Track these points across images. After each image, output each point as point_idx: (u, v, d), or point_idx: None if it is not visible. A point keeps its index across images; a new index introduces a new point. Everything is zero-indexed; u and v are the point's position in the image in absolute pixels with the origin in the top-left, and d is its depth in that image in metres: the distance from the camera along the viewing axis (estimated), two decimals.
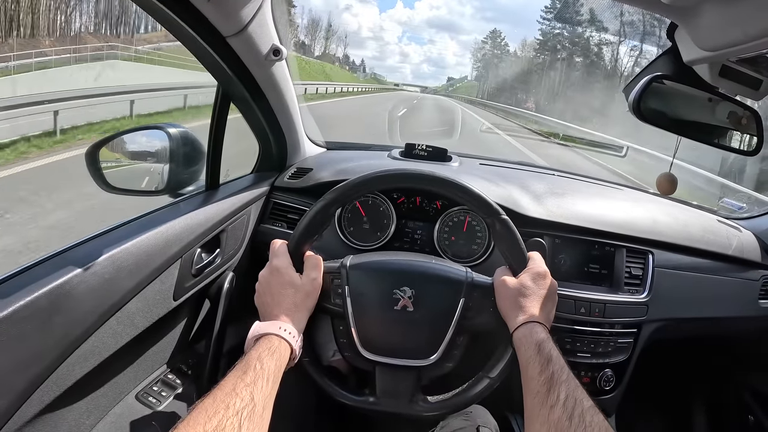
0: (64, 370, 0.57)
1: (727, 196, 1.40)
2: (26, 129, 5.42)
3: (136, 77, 10.49)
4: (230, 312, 0.86)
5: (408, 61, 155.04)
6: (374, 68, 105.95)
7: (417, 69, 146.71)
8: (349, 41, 66.80)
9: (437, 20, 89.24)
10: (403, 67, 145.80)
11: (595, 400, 0.91)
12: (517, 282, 0.63)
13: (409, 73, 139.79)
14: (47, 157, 4.96)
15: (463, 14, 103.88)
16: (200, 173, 0.89)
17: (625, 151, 2.24)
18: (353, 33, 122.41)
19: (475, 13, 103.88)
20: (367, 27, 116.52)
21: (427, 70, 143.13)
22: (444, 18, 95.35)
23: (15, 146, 5.15)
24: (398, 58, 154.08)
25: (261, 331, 0.57)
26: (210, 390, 0.46)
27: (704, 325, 1.03)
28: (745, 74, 0.68)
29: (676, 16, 0.64)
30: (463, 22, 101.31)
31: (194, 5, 0.61)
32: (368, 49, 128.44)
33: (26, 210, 3.38)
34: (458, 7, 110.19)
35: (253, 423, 0.44)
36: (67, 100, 6.33)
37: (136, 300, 0.66)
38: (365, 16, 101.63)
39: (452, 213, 0.94)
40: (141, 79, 9.89)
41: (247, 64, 0.76)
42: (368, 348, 0.64)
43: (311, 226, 0.65)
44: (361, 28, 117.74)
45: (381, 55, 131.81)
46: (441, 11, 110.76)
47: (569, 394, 0.49)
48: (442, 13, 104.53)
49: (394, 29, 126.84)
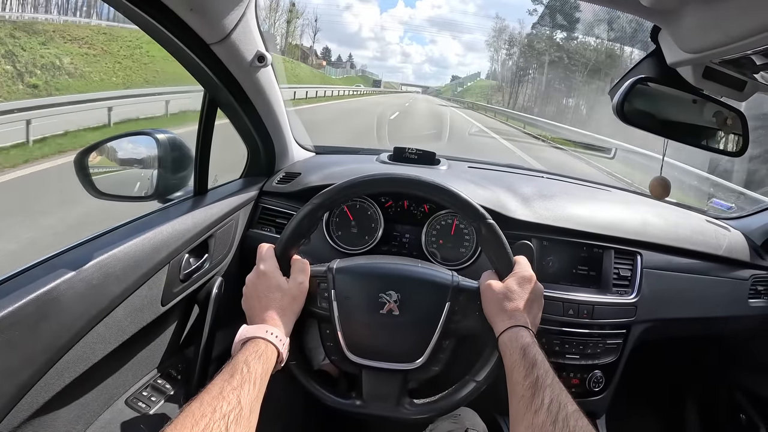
0: (53, 376, 0.58)
1: (716, 195, 1.40)
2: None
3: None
4: (219, 317, 0.86)
5: (410, 61, 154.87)
6: (367, 66, 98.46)
7: (419, 69, 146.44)
8: (321, 27, 46.30)
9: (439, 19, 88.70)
10: (404, 67, 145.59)
11: (585, 402, 0.92)
12: (503, 286, 0.63)
13: (411, 73, 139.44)
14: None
15: (465, 12, 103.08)
16: (189, 178, 0.89)
17: (614, 152, 2.24)
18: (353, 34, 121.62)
19: (478, 11, 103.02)
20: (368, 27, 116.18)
21: (428, 70, 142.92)
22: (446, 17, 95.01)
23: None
24: (400, 58, 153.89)
25: (248, 334, 0.57)
26: (197, 394, 0.47)
27: (694, 325, 1.03)
28: (729, 76, 0.68)
29: (658, 19, 0.64)
30: (465, 21, 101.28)
31: (176, 14, 0.62)
32: (369, 50, 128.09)
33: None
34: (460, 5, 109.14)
35: (240, 426, 0.45)
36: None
37: (123, 306, 0.66)
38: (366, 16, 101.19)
39: (440, 216, 0.95)
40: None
41: (232, 71, 0.77)
42: (354, 351, 0.64)
43: (298, 230, 0.66)
44: (362, 28, 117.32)
45: (382, 56, 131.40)
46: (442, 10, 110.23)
47: (553, 398, 0.49)
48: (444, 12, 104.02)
49: (396, 29, 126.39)
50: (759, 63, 0.58)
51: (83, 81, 10.01)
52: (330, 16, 61.71)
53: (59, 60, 10.07)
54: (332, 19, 67.16)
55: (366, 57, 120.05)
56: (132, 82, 10.75)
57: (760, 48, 0.51)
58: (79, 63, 10.55)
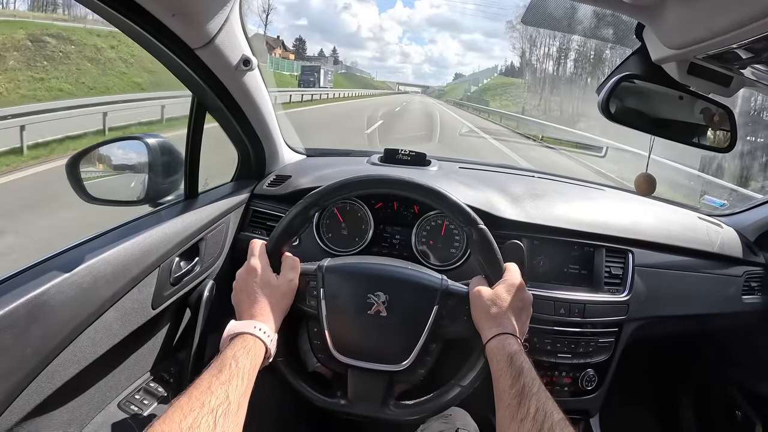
0: (44, 380, 0.58)
1: (708, 192, 1.40)
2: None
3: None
4: (211, 320, 0.86)
5: (409, 61, 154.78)
6: (358, 62, 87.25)
7: (418, 69, 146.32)
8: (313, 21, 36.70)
9: (438, 18, 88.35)
10: (404, 67, 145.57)
11: (578, 400, 0.92)
12: (492, 293, 0.63)
13: (411, 73, 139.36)
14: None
15: (464, 12, 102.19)
16: (180, 182, 0.90)
17: (605, 151, 2.23)
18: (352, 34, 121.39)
19: (477, 11, 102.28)
20: (366, 27, 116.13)
21: (428, 70, 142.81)
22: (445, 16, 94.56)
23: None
24: (399, 58, 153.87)
25: (236, 330, 0.57)
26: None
27: (688, 323, 1.03)
28: (714, 71, 0.68)
29: (640, 15, 0.64)
30: (464, 21, 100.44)
31: (159, 19, 0.62)
32: (368, 50, 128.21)
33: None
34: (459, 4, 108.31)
35: (228, 421, 0.45)
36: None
37: (114, 309, 0.67)
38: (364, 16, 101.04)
39: (430, 217, 0.95)
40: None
41: (218, 75, 0.77)
42: (341, 351, 0.64)
43: (290, 229, 0.66)
44: (361, 28, 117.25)
45: (382, 56, 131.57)
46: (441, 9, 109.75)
47: (539, 407, 0.49)
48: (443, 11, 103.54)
49: (395, 29, 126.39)
50: (744, 57, 0.58)
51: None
52: (329, 17, 58.63)
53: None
54: (330, 20, 64.95)
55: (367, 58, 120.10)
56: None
57: (744, 42, 0.51)
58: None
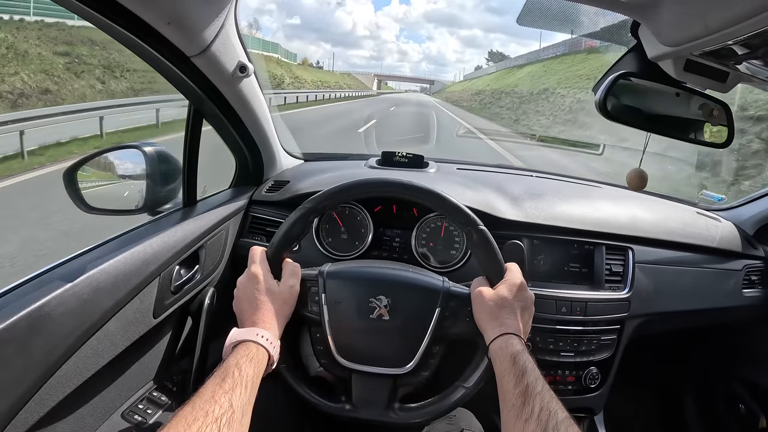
0: (47, 392, 0.58)
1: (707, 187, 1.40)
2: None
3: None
4: (213, 327, 0.86)
5: (407, 59, 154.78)
6: (350, 58, 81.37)
7: (416, 67, 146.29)
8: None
9: (435, 14, 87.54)
10: (402, 65, 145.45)
11: (582, 398, 0.92)
12: (494, 293, 0.63)
13: (409, 71, 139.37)
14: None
15: (463, 6, 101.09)
16: (178, 190, 0.89)
17: (602, 149, 2.23)
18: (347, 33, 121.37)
19: (477, 4, 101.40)
20: (362, 25, 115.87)
21: (426, 68, 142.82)
22: (443, 11, 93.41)
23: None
24: (397, 56, 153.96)
25: (239, 337, 0.57)
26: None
27: (689, 318, 1.03)
28: (711, 67, 0.68)
29: (636, 13, 0.64)
30: (464, 16, 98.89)
31: (154, 27, 0.62)
32: (365, 49, 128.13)
33: None
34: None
35: (232, 430, 0.45)
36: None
37: (115, 319, 0.67)
38: (359, 13, 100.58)
39: (429, 219, 0.95)
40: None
41: (215, 82, 0.77)
42: (344, 355, 0.64)
43: (289, 234, 0.66)
44: (356, 26, 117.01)
45: (379, 54, 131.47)
46: (439, 4, 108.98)
47: (543, 406, 0.49)
48: (441, 7, 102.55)
49: (391, 27, 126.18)
50: (740, 53, 0.58)
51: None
52: (323, 15, 57.10)
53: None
54: (324, 18, 64.14)
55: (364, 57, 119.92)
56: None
57: (739, 38, 0.51)
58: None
